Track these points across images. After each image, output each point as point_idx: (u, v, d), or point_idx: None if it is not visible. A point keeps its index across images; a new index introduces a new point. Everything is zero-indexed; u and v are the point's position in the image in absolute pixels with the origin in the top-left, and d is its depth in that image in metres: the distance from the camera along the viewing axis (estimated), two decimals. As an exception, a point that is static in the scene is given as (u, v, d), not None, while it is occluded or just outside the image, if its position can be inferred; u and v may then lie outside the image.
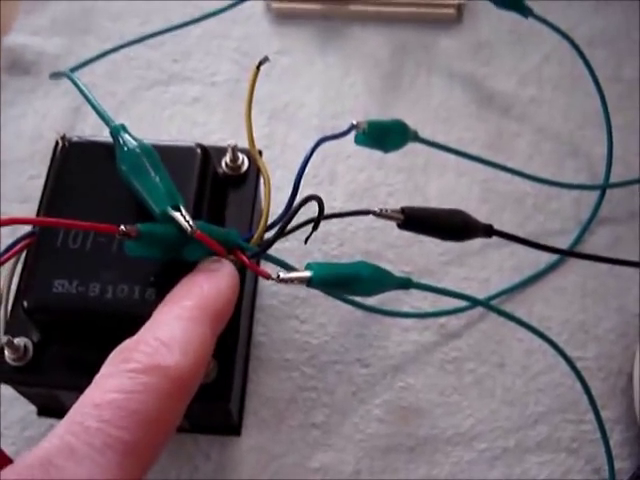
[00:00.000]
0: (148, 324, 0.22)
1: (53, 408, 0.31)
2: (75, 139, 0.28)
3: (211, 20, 0.40)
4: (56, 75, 0.36)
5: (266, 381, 0.34)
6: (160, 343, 0.21)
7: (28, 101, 0.41)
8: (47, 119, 0.40)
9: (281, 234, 0.25)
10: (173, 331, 0.22)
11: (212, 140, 0.39)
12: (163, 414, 0.20)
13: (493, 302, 0.35)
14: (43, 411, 0.31)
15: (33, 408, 0.32)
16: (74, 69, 0.38)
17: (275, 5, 0.42)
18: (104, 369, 0.21)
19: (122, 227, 0.23)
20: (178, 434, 0.32)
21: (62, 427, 0.20)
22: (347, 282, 0.26)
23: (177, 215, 0.24)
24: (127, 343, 0.22)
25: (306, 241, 0.28)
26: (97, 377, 0.21)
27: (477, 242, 0.36)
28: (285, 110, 0.40)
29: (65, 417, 0.20)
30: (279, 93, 0.40)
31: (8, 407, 0.33)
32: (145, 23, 0.42)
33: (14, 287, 0.28)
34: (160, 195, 0.24)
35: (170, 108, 0.40)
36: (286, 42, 0.42)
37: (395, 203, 0.37)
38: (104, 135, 0.37)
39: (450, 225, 0.29)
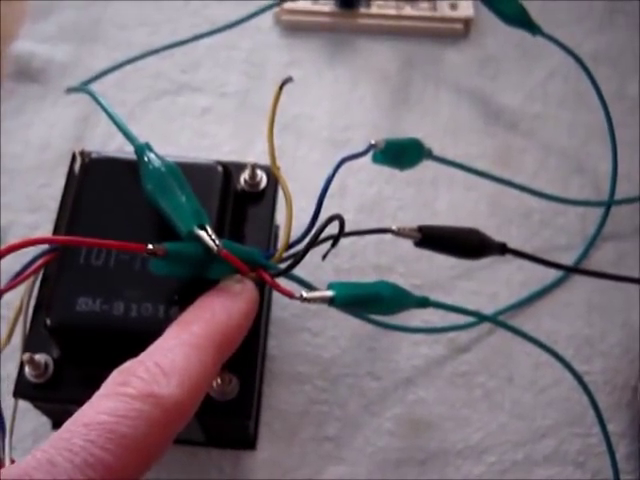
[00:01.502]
0: (153, 346, 0.22)
1: (68, 422, 0.31)
2: (95, 155, 0.28)
3: (220, 32, 0.41)
4: (73, 90, 0.36)
5: (279, 394, 0.34)
6: (159, 371, 0.21)
7: (36, 109, 0.40)
8: (55, 128, 0.40)
9: (305, 254, 0.25)
10: (175, 359, 0.22)
11: (223, 152, 0.39)
12: (151, 441, 0.20)
13: (501, 316, 0.36)
14: (58, 425, 0.31)
15: (45, 420, 0.32)
16: (87, 82, 0.38)
17: (284, 17, 0.43)
18: (103, 388, 0.21)
19: (150, 246, 0.23)
20: (192, 447, 0.32)
21: (49, 442, 0.20)
22: (368, 302, 0.26)
23: (203, 234, 0.24)
24: (129, 364, 0.22)
25: (324, 258, 0.28)
26: (95, 394, 0.21)
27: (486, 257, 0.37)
28: (295, 122, 0.40)
29: (56, 432, 0.20)
30: (288, 105, 0.41)
31: (21, 419, 0.32)
32: (153, 33, 0.42)
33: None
34: (186, 214, 0.24)
35: (180, 119, 0.40)
36: (295, 54, 0.42)
37: (404, 216, 0.38)
38: (113, 146, 0.39)
39: (466, 244, 0.29)
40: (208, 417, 0.27)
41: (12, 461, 0.27)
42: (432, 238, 0.29)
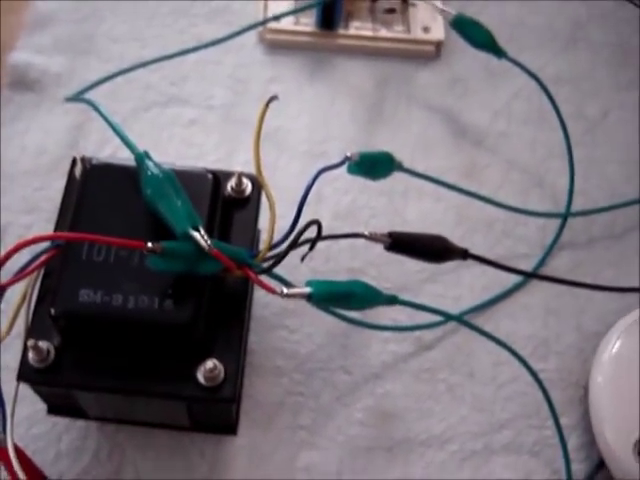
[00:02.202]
0: None
1: (64, 407, 0.33)
2: (95, 161, 0.31)
3: (207, 48, 0.43)
4: (73, 99, 0.38)
5: (258, 386, 0.36)
6: None
7: (32, 117, 0.43)
8: (50, 135, 0.42)
9: (286, 254, 0.28)
10: None
11: (209, 160, 0.41)
12: None
13: (464, 317, 0.39)
14: (53, 409, 0.34)
15: (40, 407, 0.34)
16: (81, 92, 0.41)
17: (268, 36, 0.45)
18: None
19: (149, 244, 0.26)
20: (176, 432, 0.35)
21: None
22: (342, 298, 0.29)
23: (197, 235, 0.27)
24: None
25: (302, 259, 0.31)
26: None
27: (451, 263, 0.40)
28: (276, 135, 0.43)
29: None
30: (270, 118, 0.42)
31: (16, 406, 0.35)
32: (144, 47, 0.45)
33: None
34: (181, 217, 0.27)
35: (168, 129, 0.43)
36: (277, 71, 0.45)
37: (376, 223, 0.41)
38: (106, 153, 0.41)
39: (432, 249, 0.32)
40: (195, 401, 0.29)
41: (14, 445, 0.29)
42: (401, 243, 0.31)
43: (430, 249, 0.32)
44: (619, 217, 0.42)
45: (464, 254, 0.33)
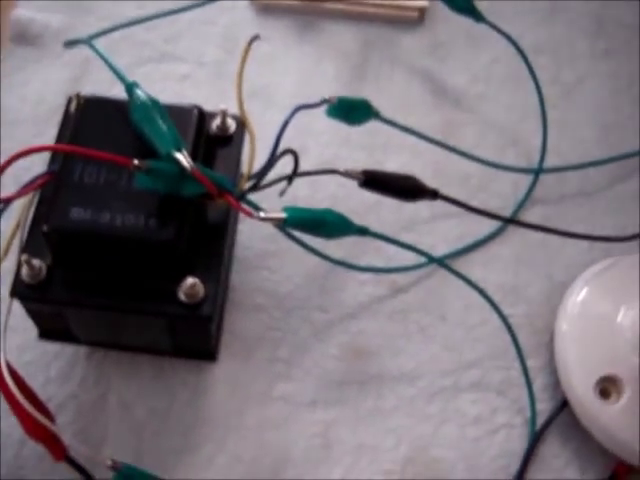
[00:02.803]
0: None
1: (54, 331, 0.35)
2: (89, 96, 0.33)
3: (200, 8, 0.45)
4: (72, 43, 0.40)
5: (239, 321, 0.38)
6: None
7: (33, 69, 0.45)
8: (49, 86, 0.44)
9: (263, 175, 0.30)
10: None
11: (199, 112, 0.44)
12: None
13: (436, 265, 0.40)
14: (44, 334, 0.35)
15: (31, 335, 0.36)
16: (72, 42, 0.43)
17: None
18: None
19: (135, 161, 0.28)
20: (159, 359, 0.37)
21: None
22: (315, 224, 0.31)
23: (180, 156, 0.29)
24: None
25: (282, 194, 0.33)
26: None
27: (426, 213, 0.42)
28: (264, 91, 0.45)
29: None
30: (259, 76, 0.45)
31: (8, 334, 0.37)
32: (141, 7, 0.47)
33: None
34: (166, 139, 0.29)
35: (162, 83, 0.45)
36: (267, 32, 0.47)
37: (357, 176, 0.43)
38: None
39: (403, 186, 0.34)
40: (176, 318, 0.31)
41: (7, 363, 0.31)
42: (374, 180, 0.34)
43: (401, 187, 0.34)
44: (590, 175, 0.44)
45: (434, 194, 0.35)
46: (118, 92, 0.34)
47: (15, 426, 0.31)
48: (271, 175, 0.34)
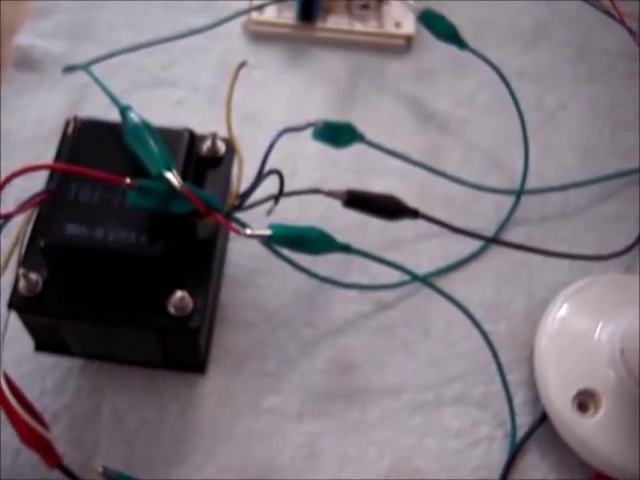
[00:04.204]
0: None
1: (50, 343, 0.36)
2: (85, 119, 0.35)
3: (196, 35, 0.47)
4: (70, 69, 0.42)
5: (228, 336, 0.40)
6: None
7: (33, 94, 0.47)
8: (49, 109, 0.46)
9: (249, 194, 0.32)
10: None
11: (192, 135, 0.45)
12: None
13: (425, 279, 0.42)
14: (40, 346, 0.37)
15: (28, 349, 0.37)
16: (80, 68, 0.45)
17: (251, 27, 0.49)
18: None
19: (127, 180, 0.29)
20: (150, 371, 0.38)
21: None
22: (299, 241, 0.33)
23: (170, 175, 0.30)
24: None
25: (269, 213, 0.34)
26: None
27: (410, 233, 0.43)
28: (255, 115, 0.47)
29: None
30: (251, 101, 0.47)
31: (5, 346, 0.38)
32: (139, 34, 0.49)
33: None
34: (157, 159, 0.31)
35: (157, 107, 0.46)
36: (259, 58, 0.49)
37: (345, 197, 0.44)
38: None
39: (384, 206, 0.36)
40: (165, 331, 0.33)
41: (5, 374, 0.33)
42: (356, 199, 0.35)
43: (383, 206, 0.36)
44: (571, 197, 0.46)
45: (415, 213, 0.37)
46: (115, 116, 0.35)
47: (11, 435, 0.33)
48: (260, 195, 0.35)
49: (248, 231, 0.32)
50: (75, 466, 0.34)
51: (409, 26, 0.50)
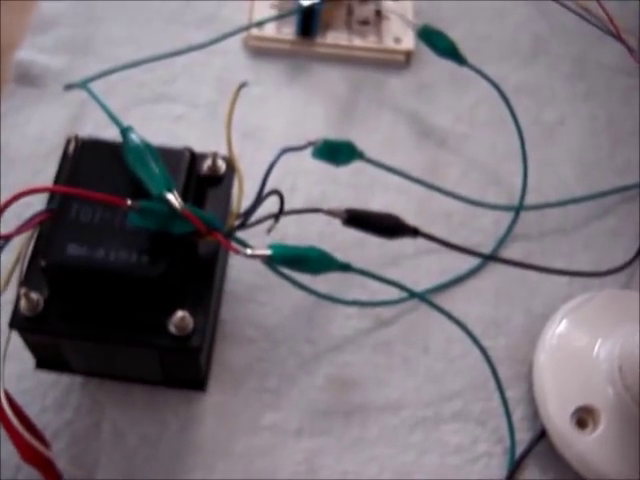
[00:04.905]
0: None
1: (50, 360, 0.36)
2: (86, 138, 0.35)
3: (195, 52, 0.47)
4: (70, 86, 0.42)
5: (228, 352, 0.40)
6: None
7: (33, 109, 0.47)
8: (49, 125, 0.46)
9: (250, 214, 0.32)
10: None
11: (192, 152, 0.45)
12: None
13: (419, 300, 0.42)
14: (41, 363, 0.37)
15: (28, 366, 0.37)
16: (79, 84, 0.45)
17: (251, 42, 0.49)
18: None
19: (129, 201, 0.29)
20: (150, 388, 0.38)
21: None
22: (299, 260, 0.33)
23: (171, 196, 0.31)
24: None
25: (269, 232, 0.35)
26: None
27: (410, 249, 0.43)
28: (254, 132, 0.47)
29: None
30: (250, 117, 0.47)
31: (6, 364, 0.38)
32: (139, 50, 0.49)
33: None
34: (158, 181, 0.31)
35: (157, 123, 0.47)
36: (258, 74, 0.49)
37: (344, 213, 0.45)
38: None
39: (384, 225, 0.36)
40: (166, 350, 0.33)
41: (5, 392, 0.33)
42: (356, 218, 0.35)
43: (383, 225, 0.36)
44: (570, 213, 0.46)
45: (414, 232, 0.37)
46: (114, 132, 0.35)
47: (12, 453, 0.33)
48: (260, 213, 0.36)
49: (249, 251, 0.32)
50: (76, 484, 0.34)
51: (408, 42, 0.50)
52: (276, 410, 0.39)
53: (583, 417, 0.38)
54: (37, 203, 0.42)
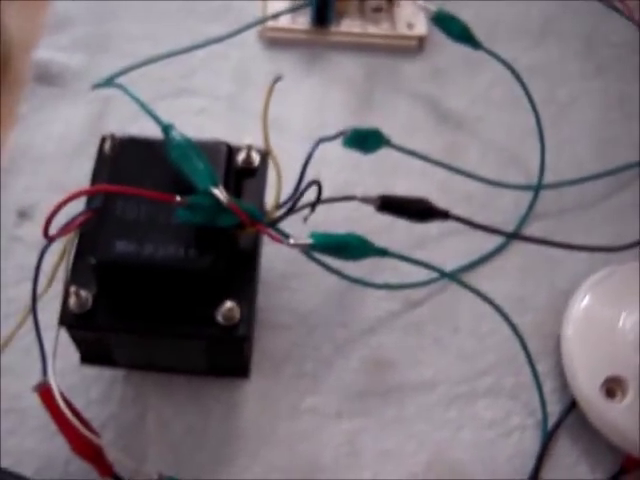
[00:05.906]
0: None
1: (95, 355, 0.37)
2: (123, 136, 0.35)
3: (213, 45, 0.48)
4: (98, 85, 0.42)
5: (266, 339, 0.41)
6: None
7: (55, 107, 0.47)
8: (72, 123, 0.47)
9: (292, 209, 0.33)
10: None
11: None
12: None
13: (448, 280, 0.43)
14: (85, 358, 0.38)
15: (73, 361, 0.38)
16: (103, 83, 0.45)
17: (267, 34, 0.50)
18: None
19: (177, 197, 0.30)
20: (194, 381, 0.39)
21: None
22: (339, 248, 0.34)
23: (216, 191, 0.31)
24: None
25: (305, 220, 0.35)
26: None
27: (436, 231, 0.44)
28: (276, 122, 0.47)
29: None
30: (270, 108, 0.48)
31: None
32: (156, 45, 0.49)
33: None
34: (203, 176, 0.32)
35: (180, 117, 0.46)
36: (276, 65, 0.50)
37: (368, 198, 0.45)
38: None
39: (416, 209, 0.37)
40: (215, 340, 0.34)
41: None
42: (389, 204, 0.36)
43: (415, 209, 0.37)
44: (587, 190, 0.47)
45: (445, 215, 0.38)
46: (139, 127, 0.37)
47: (61, 447, 0.34)
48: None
49: (291, 241, 0.33)
50: (126, 474, 0.35)
51: (421, 27, 0.51)
52: (315, 394, 0.40)
53: (612, 387, 0.39)
54: (73, 204, 0.43)
